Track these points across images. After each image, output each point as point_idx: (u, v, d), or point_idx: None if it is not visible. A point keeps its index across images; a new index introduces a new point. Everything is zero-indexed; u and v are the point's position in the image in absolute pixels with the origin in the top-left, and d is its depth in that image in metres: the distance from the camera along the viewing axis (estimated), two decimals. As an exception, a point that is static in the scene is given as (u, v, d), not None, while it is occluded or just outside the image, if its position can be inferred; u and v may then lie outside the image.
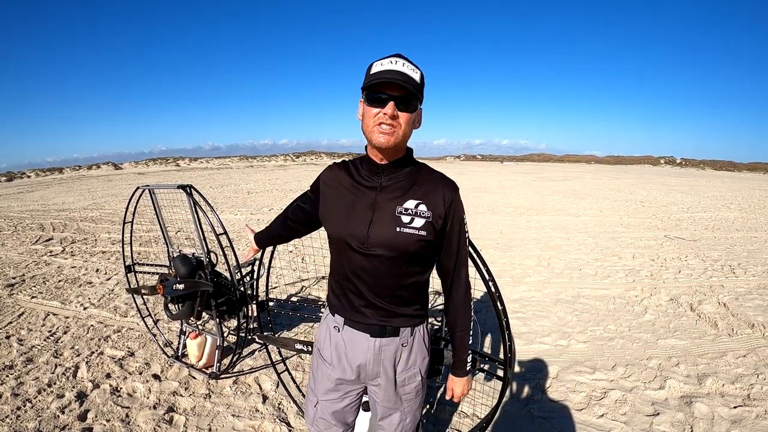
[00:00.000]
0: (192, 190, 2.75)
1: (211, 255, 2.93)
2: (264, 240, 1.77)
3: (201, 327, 3.19)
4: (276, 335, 2.64)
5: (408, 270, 1.24)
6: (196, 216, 2.74)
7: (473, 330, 1.42)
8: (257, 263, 2.62)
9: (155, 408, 2.62)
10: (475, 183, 20.00)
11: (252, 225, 8.81)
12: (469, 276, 1.38)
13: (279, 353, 2.83)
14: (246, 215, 10.18)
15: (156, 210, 3.08)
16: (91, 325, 3.88)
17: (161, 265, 3.32)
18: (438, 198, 1.22)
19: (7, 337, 3.64)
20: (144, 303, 3.80)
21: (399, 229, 1.18)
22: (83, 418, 2.53)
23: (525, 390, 2.84)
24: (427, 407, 2.64)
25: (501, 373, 1.80)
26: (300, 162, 54.59)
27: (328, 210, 1.31)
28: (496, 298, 1.71)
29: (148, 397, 2.74)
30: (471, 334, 1.40)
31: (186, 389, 2.84)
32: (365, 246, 1.20)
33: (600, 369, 3.09)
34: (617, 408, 2.65)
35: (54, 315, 4.15)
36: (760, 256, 6.36)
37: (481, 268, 1.74)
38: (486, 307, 4.07)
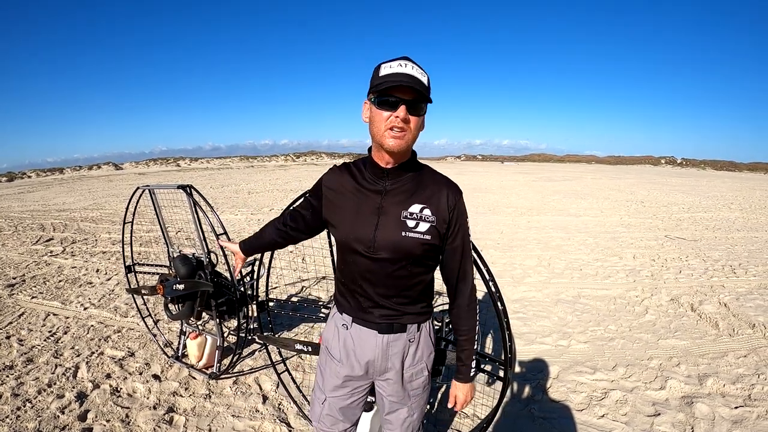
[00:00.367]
0: (192, 190, 2.75)
1: (212, 255, 2.93)
2: (255, 248, 1.67)
3: (201, 327, 3.19)
4: (276, 335, 2.64)
5: (413, 272, 1.25)
6: (196, 216, 2.74)
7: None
8: (257, 263, 2.62)
9: (155, 408, 2.62)
10: (476, 183, 19.99)
11: (252, 225, 8.81)
12: (474, 279, 1.37)
13: (279, 353, 2.83)
14: (246, 215, 10.19)
15: (156, 210, 3.08)
16: (92, 326, 3.88)
17: (161, 266, 3.32)
18: (442, 202, 1.23)
19: (8, 338, 3.64)
20: (144, 303, 3.80)
21: (404, 234, 1.20)
22: (83, 418, 2.53)
23: (525, 390, 2.84)
24: (427, 407, 2.64)
25: (501, 374, 1.80)
26: (300, 162, 54.61)
27: (333, 214, 1.31)
28: (496, 298, 1.71)
29: (148, 398, 2.74)
30: (477, 338, 1.39)
31: (186, 389, 2.84)
32: (371, 250, 1.21)
33: (601, 369, 3.09)
34: (618, 408, 2.64)
35: (54, 315, 4.15)
36: (760, 256, 6.35)
37: (482, 268, 1.73)
38: (486, 307, 4.07)
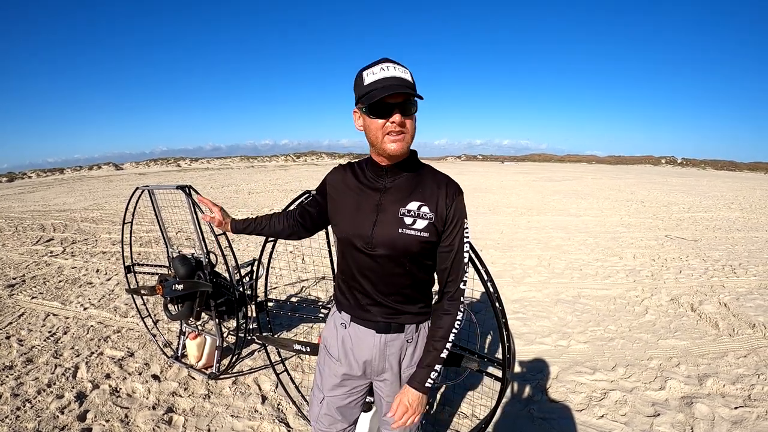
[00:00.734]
0: (191, 190, 2.75)
1: (211, 255, 2.93)
2: (247, 228, 1.61)
3: (200, 327, 3.19)
4: (275, 336, 2.64)
5: (412, 269, 1.26)
6: (195, 216, 2.74)
7: (472, 330, 1.42)
8: (256, 263, 2.62)
9: (154, 408, 2.62)
10: (476, 183, 19.99)
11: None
12: (467, 279, 1.30)
13: (278, 354, 2.83)
14: (246, 215, 10.18)
15: (156, 211, 3.08)
16: (91, 326, 3.88)
17: (161, 266, 3.32)
18: (441, 200, 1.23)
19: (7, 338, 3.64)
20: (144, 303, 3.80)
21: (401, 231, 1.20)
22: (83, 418, 2.53)
23: (525, 390, 2.84)
24: (427, 407, 2.63)
25: (500, 374, 1.79)
26: (301, 162, 54.62)
27: (335, 211, 1.34)
28: (494, 298, 1.71)
29: (147, 398, 2.74)
30: (449, 345, 1.25)
31: (185, 390, 2.84)
32: (370, 246, 1.22)
33: (600, 369, 3.09)
34: (617, 409, 2.64)
35: (54, 315, 4.15)
36: (761, 255, 6.34)
37: (480, 268, 1.73)
38: (485, 308, 4.07)
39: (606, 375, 3.01)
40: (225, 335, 3.27)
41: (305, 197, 2.21)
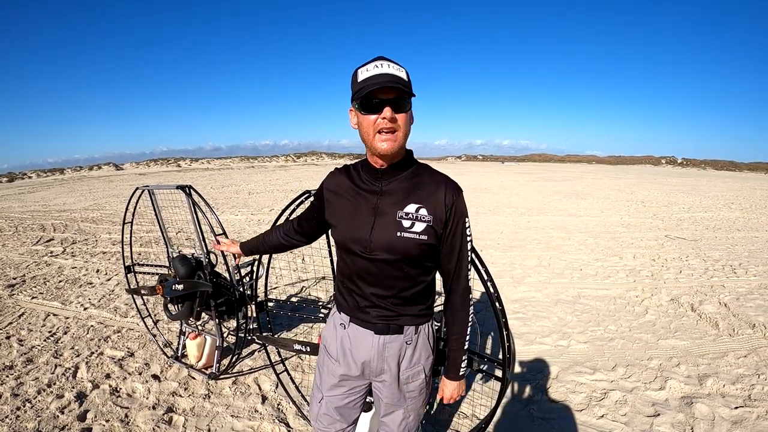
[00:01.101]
0: (191, 190, 2.75)
1: (211, 255, 2.93)
2: (256, 249, 1.76)
3: (200, 327, 3.19)
4: (275, 336, 2.64)
5: (410, 273, 1.25)
6: (195, 216, 2.74)
7: (472, 330, 1.42)
8: (257, 263, 2.62)
9: (154, 408, 2.62)
10: (476, 183, 19.99)
11: (252, 225, 8.81)
12: (469, 281, 1.35)
13: (278, 354, 2.83)
14: (247, 215, 10.19)
15: (156, 211, 3.08)
16: (91, 326, 3.89)
17: (161, 266, 3.33)
18: (439, 201, 1.21)
19: (8, 338, 3.64)
20: (144, 303, 3.80)
21: (400, 234, 1.19)
22: (83, 418, 2.53)
23: (525, 390, 2.83)
24: (427, 407, 2.63)
25: (500, 374, 1.79)
26: (301, 162, 54.63)
27: (332, 216, 1.33)
28: (494, 298, 1.71)
29: (147, 398, 2.74)
30: (468, 337, 1.38)
31: (185, 390, 2.84)
32: (368, 250, 1.22)
33: (600, 369, 3.09)
34: (617, 409, 2.64)
35: (54, 315, 4.16)
36: (761, 255, 6.34)
37: (480, 268, 1.73)
38: (485, 308, 4.07)
39: (606, 375, 3.01)
40: (225, 335, 3.27)
41: (305, 197, 2.21)
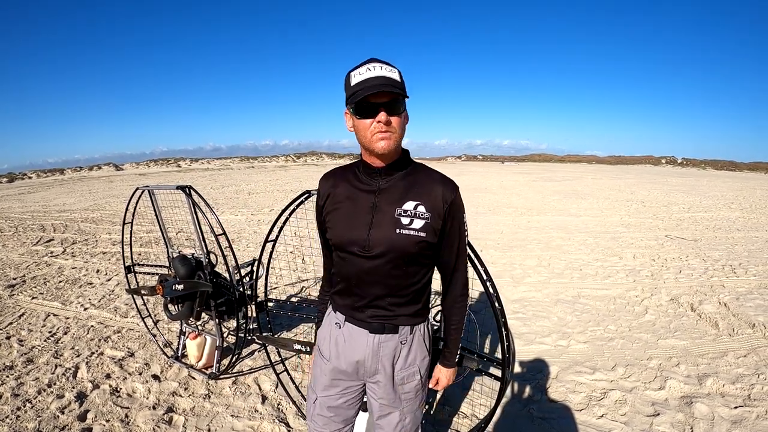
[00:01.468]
0: (191, 190, 2.75)
1: (211, 255, 2.94)
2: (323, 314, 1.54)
3: (200, 327, 3.20)
4: (275, 336, 2.64)
5: (408, 271, 1.25)
6: (195, 217, 2.74)
7: (472, 330, 1.43)
8: (256, 263, 2.62)
9: (155, 408, 2.62)
10: (476, 183, 19.99)
11: (252, 226, 8.79)
12: (468, 274, 1.40)
13: (278, 354, 2.83)
14: (247, 216, 10.19)
15: (156, 211, 3.09)
16: (92, 326, 3.89)
17: (161, 266, 3.33)
18: (437, 199, 1.22)
19: (8, 338, 3.64)
20: (144, 304, 3.81)
21: (399, 231, 1.20)
22: (83, 418, 2.54)
23: (525, 390, 2.84)
24: (426, 407, 2.64)
25: (500, 374, 1.80)
26: (301, 163, 54.64)
27: (330, 217, 1.31)
28: (494, 298, 1.71)
29: (147, 398, 2.74)
30: (463, 330, 1.46)
31: (185, 390, 2.84)
32: (366, 249, 1.21)
33: (600, 369, 3.09)
34: (617, 408, 2.64)
35: (54, 316, 4.16)
36: (761, 255, 6.34)
37: (479, 268, 1.73)
38: (485, 308, 4.07)
39: (606, 375, 3.02)
40: (225, 335, 3.28)
41: (304, 197, 2.21)
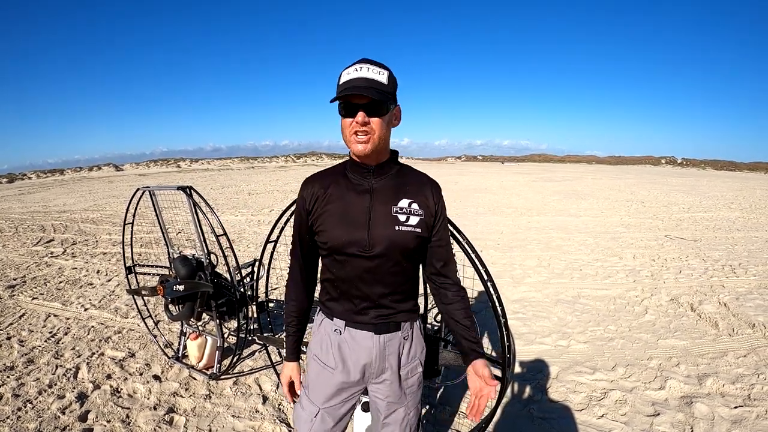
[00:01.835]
0: (192, 191, 2.76)
1: (212, 256, 2.94)
2: (302, 331, 1.49)
3: (201, 328, 3.20)
4: (276, 336, 2.64)
5: (407, 267, 1.28)
6: (196, 217, 2.75)
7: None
8: (257, 264, 2.63)
9: (155, 409, 2.63)
10: (476, 183, 19.99)
11: (252, 226, 8.79)
12: (458, 271, 1.44)
13: (279, 354, 2.83)
14: (247, 216, 10.20)
15: (156, 211, 3.09)
16: (92, 327, 3.89)
17: (162, 267, 3.33)
18: (428, 197, 1.28)
19: (8, 338, 3.65)
20: (144, 304, 3.81)
21: (398, 228, 1.22)
22: (84, 418, 2.54)
23: (525, 390, 2.84)
24: (427, 407, 2.64)
25: (500, 374, 1.80)
26: (301, 163, 54.65)
27: (321, 221, 1.26)
28: (495, 298, 1.72)
29: (148, 398, 2.75)
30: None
31: (186, 390, 2.84)
32: (367, 249, 1.22)
33: (600, 369, 3.09)
34: (617, 408, 2.65)
35: (55, 316, 4.16)
36: (761, 255, 6.35)
37: (480, 268, 1.74)
38: (485, 308, 4.07)
39: (606, 375, 3.02)
40: (226, 336, 3.28)
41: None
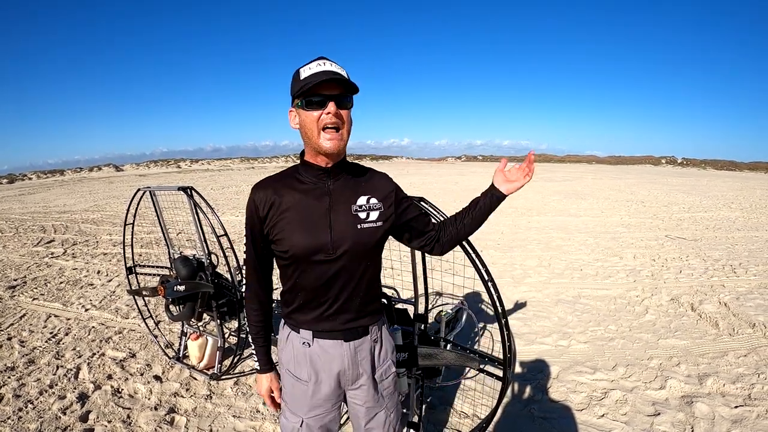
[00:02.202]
0: (192, 191, 2.76)
1: (212, 256, 2.94)
2: (268, 331, 1.46)
3: (202, 328, 3.20)
4: (276, 336, 2.65)
5: (371, 265, 1.28)
6: (196, 218, 2.75)
7: (474, 330, 1.43)
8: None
9: (156, 409, 2.63)
10: (476, 184, 19.99)
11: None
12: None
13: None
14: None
15: (157, 212, 3.09)
16: (93, 327, 3.89)
17: (162, 267, 3.34)
18: (383, 189, 1.30)
19: (9, 339, 3.65)
20: (145, 305, 3.81)
21: (360, 226, 1.22)
22: (85, 419, 2.54)
23: (526, 390, 2.84)
24: (427, 407, 2.64)
25: (501, 374, 1.80)
26: (301, 163, 54.60)
27: (279, 228, 1.20)
28: (496, 298, 1.72)
29: (149, 398, 2.75)
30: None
31: (187, 390, 2.85)
32: (332, 252, 1.19)
33: (601, 369, 3.09)
34: (618, 408, 2.65)
35: (55, 317, 4.16)
36: (761, 255, 6.35)
37: (481, 268, 1.74)
38: (486, 308, 4.08)
39: (606, 375, 3.02)
40: (227, 336, 3.28)
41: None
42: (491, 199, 1.37)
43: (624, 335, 3.66)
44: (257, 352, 1.41)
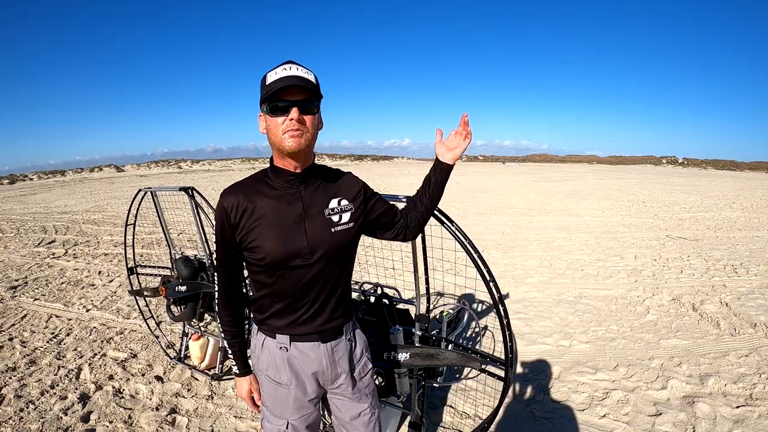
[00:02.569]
0: (194, 192, 2.76)
1: (213, 257, 2.95)
2: (242, 334, 1.43)
3: (203, 329, 3.20)
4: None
5: (344, 266, 1.30)
6: (197, 218, 2.75)
7: (475, 331, 1.43)
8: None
9: (158, 409, 2.63)
10: (477, 184, 19.99)
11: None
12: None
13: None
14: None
15: (158, 212, 3.10)
16: (94, 327, 3.90)
17: (164, 267, 3.34)
18: (352, 188, 1.31)
19: (10, 339, 3.66)
20: (146, 305, 3.81)
21: (334, 230, 1.24)
22: (86, 419, 2.55)
23: (527, 390, 2.84)
24: (429, 407, 2.64)
25: (502, 374, 1.80)
26: (301, 163, 54.64)
27: (253, 235, 1.18)
28: (497, 298, 1.72)
29: (150, 399, 2.75)
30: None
31: (188, 391, 2.85)
32: (308, 257, 1.20)
33: (602, 369, 3.09)
34: (619, 408, 2.64)
35: (57, 317, 4.17)
36: (762, 255, 6.34)
37: (482, 269, 1.74)
38: (487, 308, 4.07)
39: (608, 375, 3.02)
40: (227, 336, 3.28)
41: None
42: (441, 173, 1.39)
43: (625, 335, 3.65)
44: (234, 356, 1.40)
